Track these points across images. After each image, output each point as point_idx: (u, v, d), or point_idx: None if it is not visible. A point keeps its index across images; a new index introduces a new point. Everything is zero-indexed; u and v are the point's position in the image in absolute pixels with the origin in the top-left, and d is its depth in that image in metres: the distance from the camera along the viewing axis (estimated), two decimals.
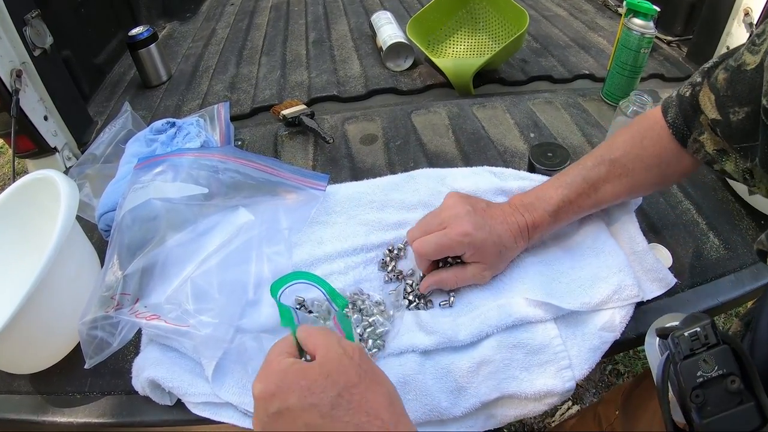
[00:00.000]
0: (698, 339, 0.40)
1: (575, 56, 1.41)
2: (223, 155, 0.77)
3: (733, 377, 0.38)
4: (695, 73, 0.64)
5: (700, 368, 0.39)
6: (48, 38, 1.06)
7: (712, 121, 0.59)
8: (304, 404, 0.40)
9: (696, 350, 0.40)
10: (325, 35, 1.58)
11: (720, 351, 0.39)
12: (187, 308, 0.59)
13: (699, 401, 0.38)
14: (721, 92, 0.57)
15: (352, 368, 0.41)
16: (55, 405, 0.66)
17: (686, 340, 0.40)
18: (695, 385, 0.39)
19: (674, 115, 0.64)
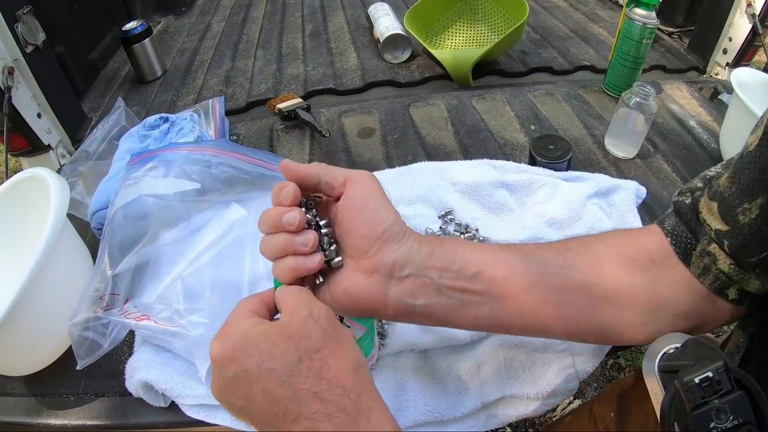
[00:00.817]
0: (711, 386, 0.36)
1: (576, 47, 1.39)
2: (216, 149, 0.76)
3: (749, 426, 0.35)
4: (695, 179, 0.50)
5: (713, 419, 0.35)
6: (40, 34, 1.04)
7: (717, 234, 0.44)
8: (262, 369, 0.37)
9: (708, 398, 0.36)
10: (321, 28, 1.56)
11: (735, 399, 0.35)
12: (177, 308, 0.58)
13: None
14: (725, 194, 0.43)
15: (315, 331, 0.38)
16: (49, 407, 0.65)
17: (698, 388, 0.36)
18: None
19: (673, 224, 0.49)
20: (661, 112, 1.07)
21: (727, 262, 0.44)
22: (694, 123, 1.05)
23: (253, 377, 0.37)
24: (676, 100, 1.12)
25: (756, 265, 0.43)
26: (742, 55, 1.24)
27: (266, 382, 0.36)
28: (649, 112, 0.87)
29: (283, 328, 0.38)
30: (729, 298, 0.46)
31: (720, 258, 0.45)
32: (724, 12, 1.23)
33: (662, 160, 0.94)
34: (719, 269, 0.45)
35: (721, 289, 0.45)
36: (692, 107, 1.10)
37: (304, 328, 0.38)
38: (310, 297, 0.42)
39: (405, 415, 0.57)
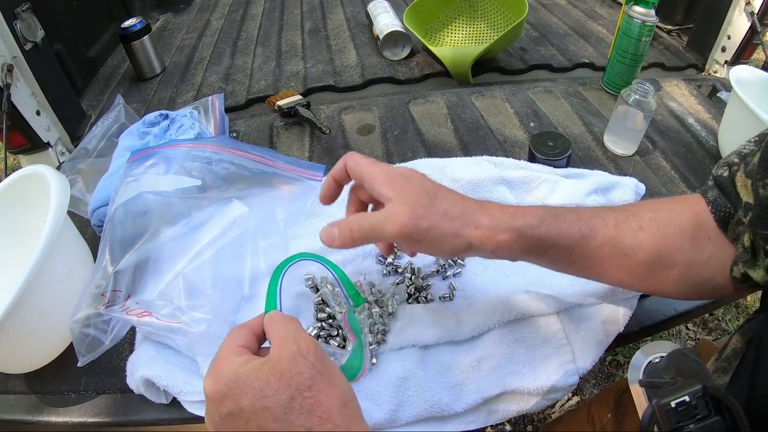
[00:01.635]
0: (686, 410, 0.36)
1: (575, 45, 1.39)
2: (217, 146, 0.76)
3: None
4: (731, 155, 0.52)
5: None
6: (39, 32, 1.04)
7: (746, 206, 0.47)
8: (257, 407, 0.38)
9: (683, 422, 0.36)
10: (320, 25, 1.56)
11: (710, 425, 0.35)
12: (179, 305, 0.58)
13: None
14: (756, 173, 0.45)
15: (305, 368, 0.40)
16: (50, 404, 0.65)
17: (674, 412, 0.36)
18: None
19: (715, 195, 0.51)
20: (659, 110, 1.07)
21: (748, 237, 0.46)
22: (692, 120, 1.05)
23: (248, 414, 0.38)
24: (675, 98, 1.12)
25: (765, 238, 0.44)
26: (740, 53, 1.24)
27: (261, 419, 0.38)
28: (648, 109, 0.87)
29: (274, 365, 0.40)
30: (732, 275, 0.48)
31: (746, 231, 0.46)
32: (722, 10, 1.24)
33: (661, 157, 0.94)
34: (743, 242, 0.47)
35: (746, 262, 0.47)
36: (691, 105, 1.11)
37: (294, 365, 0.40)
38: (297, 329, 0.43)
39: (406, 410, 0.58)
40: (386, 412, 0.56)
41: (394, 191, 0.48)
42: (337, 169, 0.55)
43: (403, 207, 0.47)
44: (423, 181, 0.50)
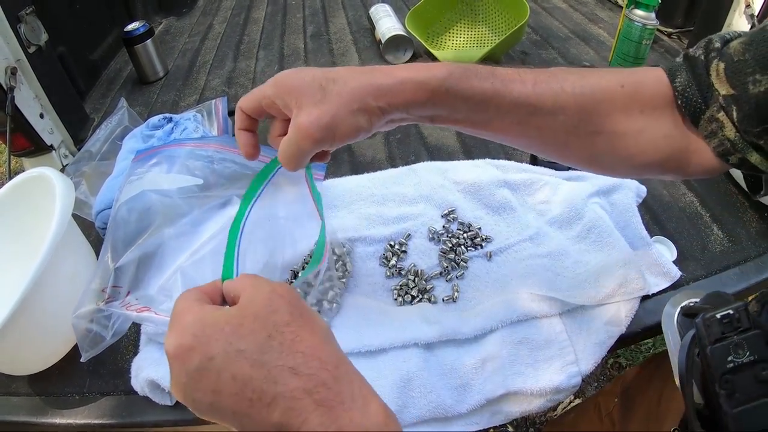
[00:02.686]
0: (730, 322, 0.37)
1: (576, 48, 1.40)
2: (219, 145, 0.76)
3: (764, 365, 0.36)
4: (713, 37, 0.48)
5: (731, 353, 0.36)
6: (43, 35, 1.04)
7: (724, 99, 0.45)
8: (230, 352, 0.33)
9: (727, 334, 0.37)
10: (323, 29, 1.56)
11: (753, 336, 0.36)
12: None
13: (728, 387, 0.36)
14: (735, 58, 0.43)
15: (282, 306, 0.36)
16: (54, 406, 0.65)
17: (718, 323, 0.38)
18: (725, 370, 0.36)
19: (685, 82, 0.47)
20: None
21: (732, 130, 0.45)
22: None
23: (220, 364, 0.33)
24: None
25: (757, 135, 0.43)
26: None
27: (236, 367, 0.33)
28: None
29: (245, 306, 0.36)
30: (730, 162, 0.47)
31: (726, 126, 0.45)
32: (722, 12, 1.24)
33: None
34: (725, 135, 0.46)
35: (724, 154, 0.46)
36: None
37: (269, 303, 0.36)
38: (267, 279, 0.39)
39: (410, 411, 0.58)
40: None
41: (289, 100, 0.46)
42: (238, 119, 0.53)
43: (302, 114, 0.45)
44: (311, 74, 0.47)
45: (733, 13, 1.22)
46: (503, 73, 0.47)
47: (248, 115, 0.52)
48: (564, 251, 0.72)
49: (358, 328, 0.65)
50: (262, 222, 0.72)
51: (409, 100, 0.46)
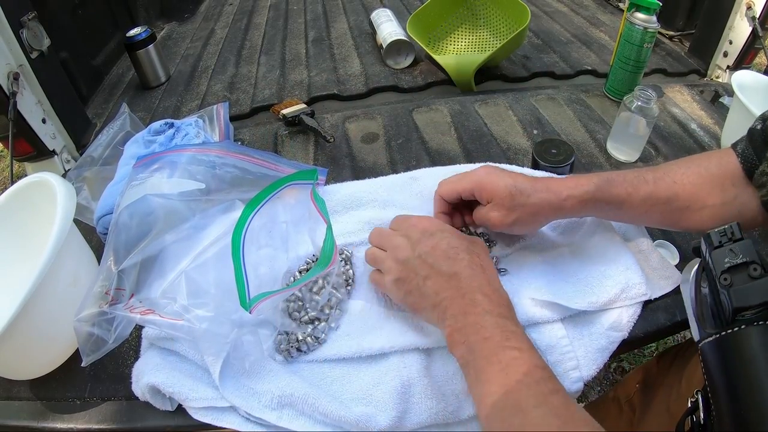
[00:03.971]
0: (725, 234, 0.47)
1: (577, 52, 1.40)
2: (221, 150, 0.77)
3: (755, 265, 0.44)
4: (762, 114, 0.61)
5: (727, 256, 0.46)
6: (45, 40, 1.05)
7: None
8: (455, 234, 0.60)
9: (724, 243, 0.47)
10: (324, 34, 1.57)
11: (744, 243, 0.46)
12: (182, 303, 0.58)
13: (726, 283, 0.45)
14: None
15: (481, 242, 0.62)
16: (54, 411, 0.65)
17: (716, 234, 0.47)
18: (723, 269, 0.45)
19: (744, 146, 0.61)
20: (662, 116, 1.08)
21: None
22: (695, 126, 1.05)
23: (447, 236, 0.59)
24: (678, 104, 1.13)
25: None
26: (742, 57, 1.25)
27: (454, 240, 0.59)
28: (650, 115, 0.88)
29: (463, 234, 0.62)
30: None
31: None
32: (724, 15, 1.24)
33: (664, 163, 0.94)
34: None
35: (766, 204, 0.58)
36: (693, 110, 1.11)
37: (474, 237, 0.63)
38: None
39: (410, 417, 0.57)
40: (391, 418, 0.56)
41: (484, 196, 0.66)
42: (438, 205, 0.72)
43: (493, 212, 0.66)
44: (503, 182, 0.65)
45: (734, 16, 1.22)
46: (632, 177, 0.64)
47: (445, 200, 0.71)
48: (566, 256, 0.72)
49: (359, 332, 0.65)
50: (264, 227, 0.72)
51: (568, 212, 0.65)
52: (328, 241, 0.67)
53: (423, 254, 0.58)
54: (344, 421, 0.56)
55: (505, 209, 0.64)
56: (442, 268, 0.56)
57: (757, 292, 0.43)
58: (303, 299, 0.66)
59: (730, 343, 0.45)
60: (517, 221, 0.65)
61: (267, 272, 0.67)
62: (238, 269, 0.63)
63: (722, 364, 0.46)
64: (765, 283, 0.43)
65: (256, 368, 0.60)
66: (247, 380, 0.59)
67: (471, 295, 0.54)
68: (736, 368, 0.44)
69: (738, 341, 0.44)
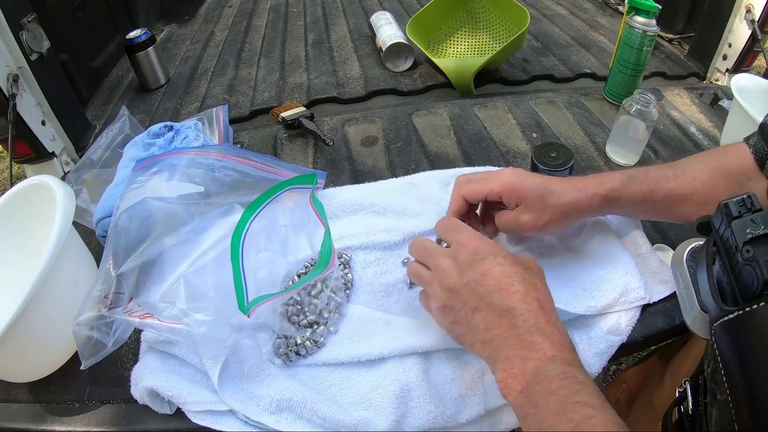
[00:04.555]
0: (744, 204, 0.45)
1: (576, 55, 1.40)
2: (220, 153, 0.77)
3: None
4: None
5: (748, 226, 0.43)
6: (45, 42, 1.05)
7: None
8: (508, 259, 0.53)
9: (743, 213, 0.44)
10: (324, 36, 1.57)
11: (764, 214, 0.43)
12: (181, 307, 0.58)
13: (749, 256, 0.42)
14: None
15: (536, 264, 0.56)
16: (53, 414, 0.65)
17: (735, 204, 0.45)
18: (745, 240, 0.43)
19: (756, 140, 0.62)
20: (661, 119, 1.08)
21: None
22: (694, 129, 1.05)
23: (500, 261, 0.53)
24: (677, 107, 1.13)
25: None
26: (741, 60, 1.25)
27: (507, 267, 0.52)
28: (650, 119, 0.88)
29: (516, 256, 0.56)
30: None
31: None
32: (723, 18, 1.24)
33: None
34: None
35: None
36: (693, 113, 1.11)
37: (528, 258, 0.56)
38: None
39: (410, 421, 0.57)
40: (390, 422, 0.56)
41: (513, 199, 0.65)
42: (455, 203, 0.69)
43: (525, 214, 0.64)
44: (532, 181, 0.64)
45: (733, 19, 1.22)
46: (654, 174, 0.65)
47: (467, 201, 0.68)
48: (564, 260, 0.72)
49: (357, 337, 0.65)
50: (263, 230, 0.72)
51: (594, 210, 0.66)
52: (326, 244, 0.68)
53: (472, 282, 0.52)
54: (343, 425, 0.56)
55: (537, 211, 0.64)
56: (493, 300, 0.50)
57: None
58: (302, 303, 0.66)
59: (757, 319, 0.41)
60: (549, 223, 0.64)
61: (266, 276, 0.67)
62: (237, 273, 0.63)
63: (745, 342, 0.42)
64: None
65: (255, 372, 0.60)
66: (246, 384, 0.59)
67: (528, 336, 0.48)
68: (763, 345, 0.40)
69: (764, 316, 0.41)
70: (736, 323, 0.42)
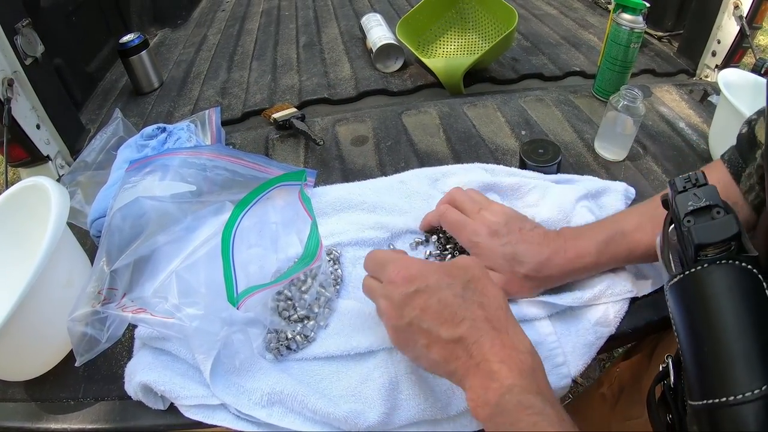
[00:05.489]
0: (689, 180, 0.47)
1: (566, 54, 1.42)
2: (212, 153, 0.78)
3: (718, 208, 0.44)
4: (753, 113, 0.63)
5: (690, 200, 0.46)
6: (39, 47, 1.06)
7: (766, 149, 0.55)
8: (442, 284, 0.50)
9: (688, 188, 0.47)
10: (315, 39, 1.58)
11: (707, 188, 0.46)
12: (173, 302, 0.59)
13: (690, 225, 0.45)
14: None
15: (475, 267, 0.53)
16: (49, 411, 0.65)
17: (680, 180, 0.47)
18: (687, 212, 0.45)
19: (731, 153, 0.63)
20: (650, 115, 1.09)
21: None
22: (683, 125, 1.06)
23: (433, 289, 0.50)
24: (666, 103, 1.14)
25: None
26: (731, 56, 1.26)
27: (444, 294, 0.49)
28: (637, 114, 0.89)
29: (453, 262, 0.54)
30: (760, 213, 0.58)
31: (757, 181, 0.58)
32: (712, 14, 1.25)
33: (652, 161, 0.96)
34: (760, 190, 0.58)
35: (759, 206, 0.58)
36: (682, 109, 1.12)
37: (467, 265, 0.53)
38: None
39: (399, 414, 0.58)
40: (379, 415, 0.57)
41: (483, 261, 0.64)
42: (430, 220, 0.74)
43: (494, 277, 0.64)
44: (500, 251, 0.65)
45: (722, 15, 1.23)
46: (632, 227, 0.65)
47: None
48: None
49: (347, 331, 0.66)
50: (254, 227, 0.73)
51: None
52: (314, 237, 0.68)
53: (414, 320, 0.50)
54: (333, 417, 0.57)
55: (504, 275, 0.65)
56: (441, 334, 0.49)
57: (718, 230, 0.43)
58: (292, 298, 0.67)
59: (692, 282, 0.44)
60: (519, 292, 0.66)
61: (257, 271, 0.68)
62: (227, 266, 0.63)
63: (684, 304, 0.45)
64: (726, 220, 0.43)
65: (246, 366, 0.61)
66: (237, 378, 0.60)
67: (486, 364, 0.47)
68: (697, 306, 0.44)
69: (699, 279, 0.43)
70: (678, 286, 0.46)
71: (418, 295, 0.50)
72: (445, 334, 0.48)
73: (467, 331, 0.48)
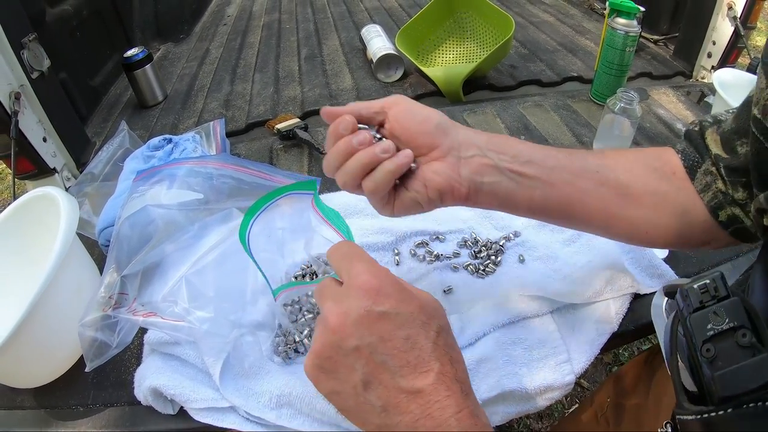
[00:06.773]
0: (707, 291, 0.37)
1: (563, 59, 1.43)
2: (218, 162, 0.79)
3: (744, 330, 0.35)
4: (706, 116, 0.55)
5: (710, 321, 0.36)
6: (45, 61, 1.07)
7: (716, 157, 0.50)
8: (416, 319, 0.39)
9: (706, 303, 0.37)
10: (316, 51, 1.60)
11: (730, 303, 0.36)
12: (183, 306, 0.59)
13: (710, 355, 0.35)
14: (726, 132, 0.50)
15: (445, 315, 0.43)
16: (58, 418, 0.66)
17: (695, 292, 0.37)
18: (705, 338, 0.36)
19: (684, 145, 0.55)
20: (648, 117, 1.10)
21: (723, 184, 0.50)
22: (681, 126, 1.07)
23: (404, 321, 0.38)
24: (663, 105, 1.15)
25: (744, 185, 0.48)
26: (726, 57, 1.27)
27: (415, 331, 0.38)
28: (634, 116, 0.90)
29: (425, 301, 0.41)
30: (719, 219, 0.51)
31: (719, 179, 0.51)
32: (706, 16, 1.27)
33: None
34: (718, 188, 0.51)
35: (716, 208, 0.51)
36: (679, 111, 1.13)
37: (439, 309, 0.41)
38: None
39: None
40: None
41: None
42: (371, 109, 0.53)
43: None
44: None
45: (716, 17, 1.25)
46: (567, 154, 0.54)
47: None
48: (554, 254, 0.74)
49: None
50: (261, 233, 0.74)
51: None
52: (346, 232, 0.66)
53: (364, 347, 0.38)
54: (341, 419, 0.57)
55: None
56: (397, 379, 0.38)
57: (748, 377, 0.33)
58: (300, 302, 0.68)
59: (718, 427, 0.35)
60: None
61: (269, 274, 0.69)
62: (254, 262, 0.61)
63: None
64: (761, 362, 0.34)
65: (255, 369, 0.62)
66: (246, 381, 0.61)
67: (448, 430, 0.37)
68: None
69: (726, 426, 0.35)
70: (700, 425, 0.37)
71: (383, 320, 0.38)
72: (402, 381, 0.37)
73: (432, 387, 0.37)
